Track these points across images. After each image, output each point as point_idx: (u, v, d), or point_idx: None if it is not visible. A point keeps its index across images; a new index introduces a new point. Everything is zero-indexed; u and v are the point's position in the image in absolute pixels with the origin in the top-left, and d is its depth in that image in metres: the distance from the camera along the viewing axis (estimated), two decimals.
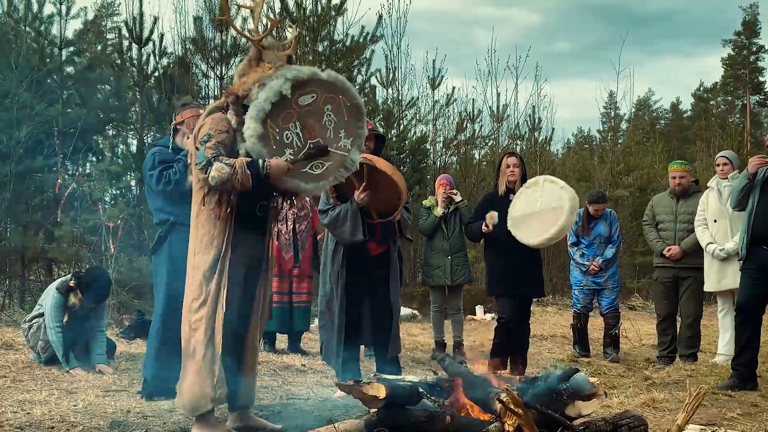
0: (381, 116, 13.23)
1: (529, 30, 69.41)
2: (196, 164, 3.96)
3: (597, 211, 7.93)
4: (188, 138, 5.01)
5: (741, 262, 6.13)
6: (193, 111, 5.20)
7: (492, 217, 6.10)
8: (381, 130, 11.65)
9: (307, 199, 7.31)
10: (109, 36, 13.58)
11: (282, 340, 7.83)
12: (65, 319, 6.04)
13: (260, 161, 3.87)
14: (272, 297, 6.56)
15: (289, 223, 7.44)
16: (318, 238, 7.72)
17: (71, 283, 6.08)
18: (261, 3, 4.25)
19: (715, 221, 7.14)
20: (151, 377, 5.03)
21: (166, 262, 5.09)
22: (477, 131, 15.99)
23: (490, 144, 16.68)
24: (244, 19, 11.08)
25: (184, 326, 4.04)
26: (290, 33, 4.95)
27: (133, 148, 11.12)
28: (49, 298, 6.14)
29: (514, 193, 6.17)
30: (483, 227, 6.18)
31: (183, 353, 4.06)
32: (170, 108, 5.13)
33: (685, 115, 42.76)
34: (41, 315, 6.16)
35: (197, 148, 3.96)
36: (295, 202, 7.28)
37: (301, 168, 4.08)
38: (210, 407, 3.99)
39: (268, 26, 4.23)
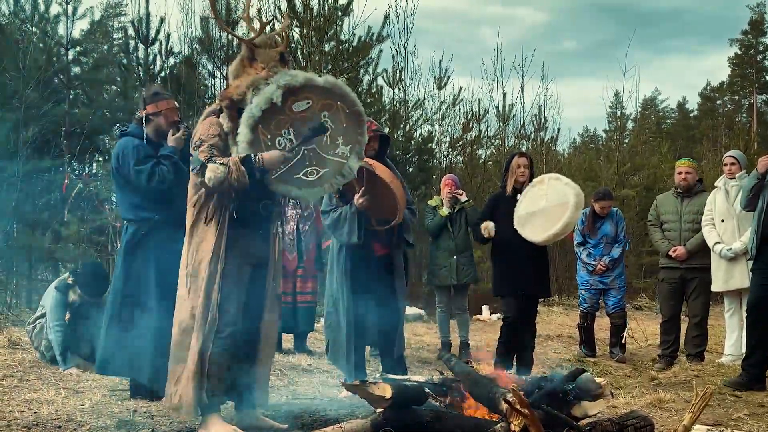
0: (387, 116, 13.23)
1: (536, 29, 69.32)
2: (192, 169, 3.97)
3: (603, 209, 7.92)
4: (173, 133, 4.96)
5: (751, 261, 6.11)
6: (170, 102, 5.05)
7: (487, 227, 6.13)
8: (386, 130, 11.70)
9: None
10: (115, 36, 13.60)
11: (288, 340, 7.85)
12: (67, 317, 6.06)
13: (252, 156, 3.88)
14: None
15: (292, 223, 7.45)
16: (323, 246, 7.72)
17: (69, 280, 6.11)
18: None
19: (722, 221, 7.12)
20: (150, 381, 4.87)
21: (152, 262, 4.87)
22: (483, 131, 16.00)
23: (496, 144, 16.68)
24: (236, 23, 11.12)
25: (178, 330, 4.06)
26: (279, 27, 4.89)
27: None
28: (49, 298, 6.17)
29: (521, 193, 6.16)
30: (485, 234, 6.18)
31: (172, 357, 4.07)
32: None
33: (691, 115, 42.63)
34: (44, 315, 6.18)
35: (191, 155, 3.98)
36: (299, 202, 7.29)
37: (294, 174, 4.07)
38: (198, 412, 3.99)
39: (259, 27, 4.20)
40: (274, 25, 9.45)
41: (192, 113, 10.50)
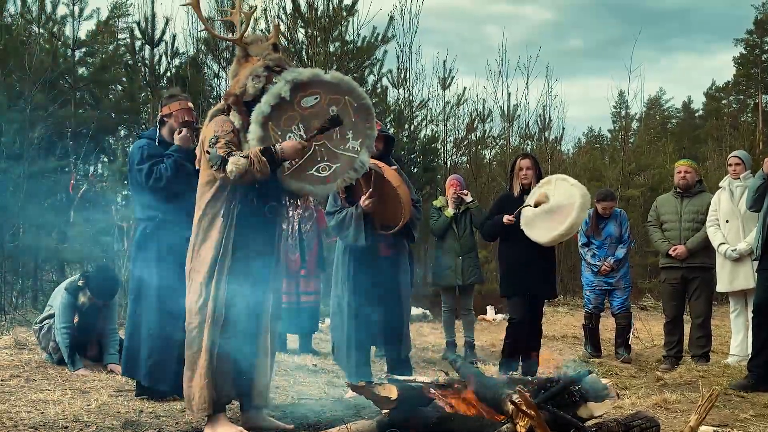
0: (392, 116, 13.24)
1: (541, 27, 68.93)
2: (211, 166, 3.96)
3: (606, 210, 7.91)
4: (178, 133, 5.03)
5: (756, 262, 6.10)
6: (182, 103, 5.11)
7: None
8: (391, 130, 11.70)
9: (312, 200, 7.33)
10: (121, 37, 13.64)
11: (293, 341, 7.86)
12: (76, 319, 6.07)
13: (272, 146, 3.89)
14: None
15: (294, 224, 7.46)
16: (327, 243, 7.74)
17: (79, 283, 6.10)
18: (239, 10, 4.26)
19: (727, 221, 7.11)
20: (145, 376, 4.97)
21: (154, 260, 4.97)
22: (487, 131, 16.01)
23: (500, 144, 16.68)
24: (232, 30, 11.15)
25: (188, 328, 4.07)
26: (272, 26, 4.99)
27: None
28: (58, 298, 6.16)
29: (528, 194, 6.15)
30: (505, 219, 6.09)
31: (186, 356, 4.09)
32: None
33: (696, 114, 42.51)
34: (52, 316, 6.19)
35: (208, 152, 3.97)
36: (300, 203, 7.30)
37: (307, 170, 4.08)
38: (215, 410, 4.01)
39: (243, 22, 4.21)
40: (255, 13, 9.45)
41: (197, 114, 10.52)
